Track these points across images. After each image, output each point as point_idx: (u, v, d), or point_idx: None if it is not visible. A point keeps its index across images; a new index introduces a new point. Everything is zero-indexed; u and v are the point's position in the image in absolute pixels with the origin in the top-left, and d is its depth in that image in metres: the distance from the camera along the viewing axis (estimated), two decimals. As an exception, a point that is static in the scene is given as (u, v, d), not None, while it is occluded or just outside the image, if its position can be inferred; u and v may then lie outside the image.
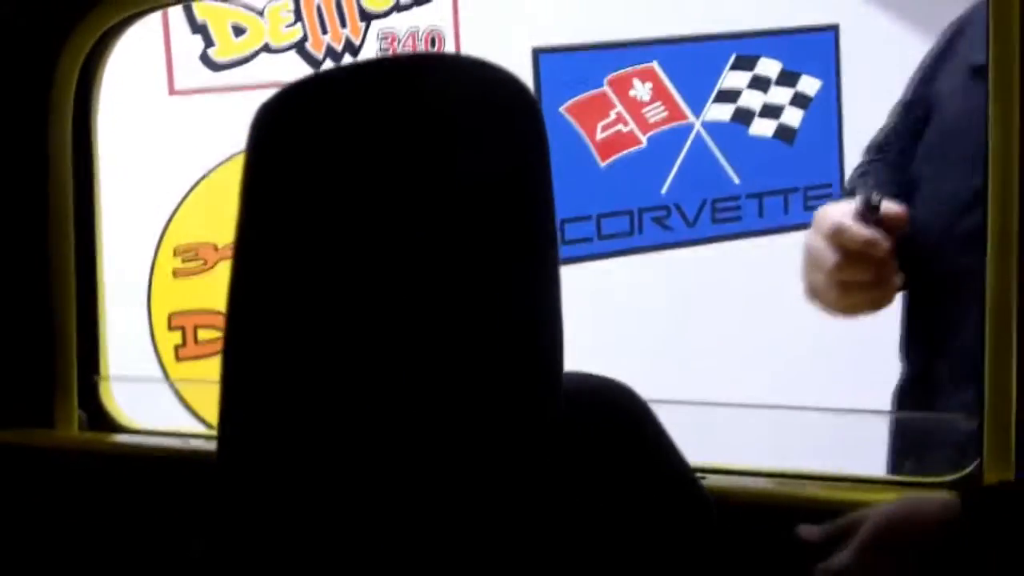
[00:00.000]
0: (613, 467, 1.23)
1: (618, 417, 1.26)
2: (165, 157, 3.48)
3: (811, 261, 1.76)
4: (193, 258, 3.55)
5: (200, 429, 2.70)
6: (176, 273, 3.55)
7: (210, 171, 3.49)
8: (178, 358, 3.54)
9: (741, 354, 3.87)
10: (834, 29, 4.06)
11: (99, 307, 1.80)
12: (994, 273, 1.33)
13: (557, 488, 1.18)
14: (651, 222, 3.98)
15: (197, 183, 3.52)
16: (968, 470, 1.39)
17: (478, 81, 1.09)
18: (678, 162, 3.99)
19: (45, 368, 1.77)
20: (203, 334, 3.56)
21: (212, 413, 1.12)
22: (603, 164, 3.91)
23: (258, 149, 1.05)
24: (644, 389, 1.29)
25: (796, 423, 1.75)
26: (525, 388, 1.11)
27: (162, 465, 1.73)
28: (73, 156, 1.75)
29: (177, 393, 3.34)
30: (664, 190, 3.99)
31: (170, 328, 3.55)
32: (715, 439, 1.58)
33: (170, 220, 3.53)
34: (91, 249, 1.79)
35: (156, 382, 3.26)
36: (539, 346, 1.11)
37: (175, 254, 3.55)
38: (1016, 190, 1.32)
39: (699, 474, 1.31)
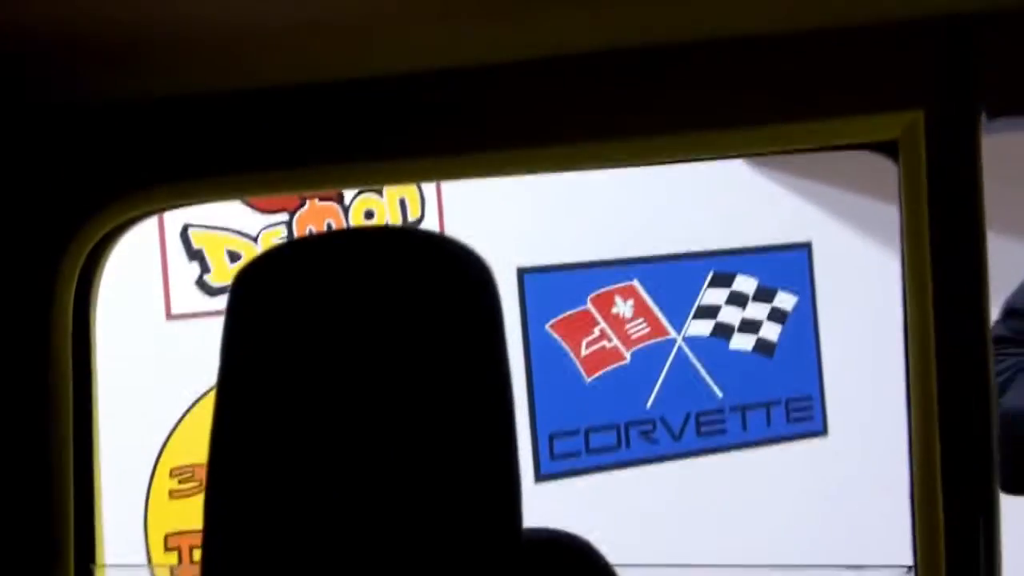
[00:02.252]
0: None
1: (578, 570, 1.33)
2: (162, 380, 3.57)
3: None
4: (189, 478, 3.60)
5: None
6: (172, 494, 3.60)
7: (206, 392, 3.57)
8: (174, 578, 3.57)
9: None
10: (807, 247, 4.22)
11: (96, 498, 1.88)
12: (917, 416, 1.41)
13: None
14: (638, 436, 4.07)
15: (193, 404, 3.60)
16: None
17: (436, 251, 1.21)
18: (662, 377, 4.09)
19: (43, 555, 1.84)
20: (200, 554, 3.59)
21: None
22: (589, 379, 4.01)
23: (237, 309, 1.17)
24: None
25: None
26: (484, 538, 1.19)
27: None
28: (73, 351, 1.84)
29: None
30: (649, 404, 4.08)
31: (167, 549, 3.59)
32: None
33: (166, 442, 3.61)
34: (88, 444, 1.88)
35: (150, 568, 3.29)
36: (497, 500, 1.20)
37: (171, 475, 3.60)
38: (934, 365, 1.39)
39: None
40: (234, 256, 3.68)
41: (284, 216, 3.72)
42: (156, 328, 3.59)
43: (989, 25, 1.36)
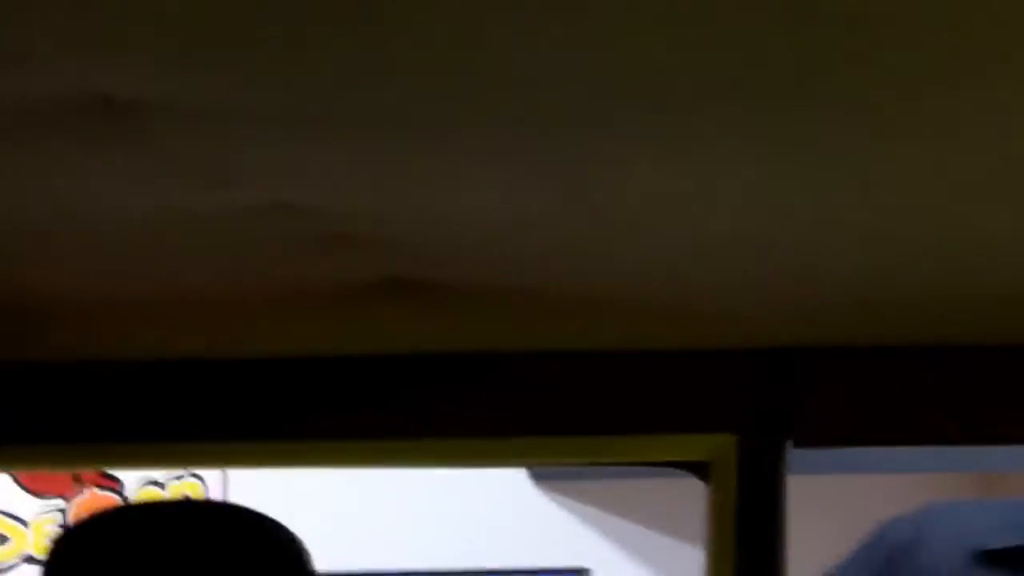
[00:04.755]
0: None
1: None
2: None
3: None
4: None
5: None
6: None
7: None
8: None
9: None
10: (585, 572, 4.25)
11: None
12: None
13: None
14: None
15: None
16: None
17: (242, 526, 1.24)
18: None
19: None
20: None
21: None
22: None
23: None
24: None
25: None
26: None
27: None
28: None
29: None
30: None
31: None
32: None
33: None
34: None
35: None
36: None
37: None
38: None
39: None
40: (1, 539, 3.56)
41: (60, 503, 3.63)
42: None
43: (805, 358, 1.44)
